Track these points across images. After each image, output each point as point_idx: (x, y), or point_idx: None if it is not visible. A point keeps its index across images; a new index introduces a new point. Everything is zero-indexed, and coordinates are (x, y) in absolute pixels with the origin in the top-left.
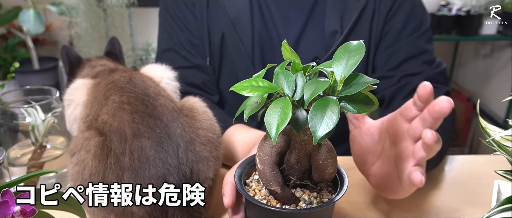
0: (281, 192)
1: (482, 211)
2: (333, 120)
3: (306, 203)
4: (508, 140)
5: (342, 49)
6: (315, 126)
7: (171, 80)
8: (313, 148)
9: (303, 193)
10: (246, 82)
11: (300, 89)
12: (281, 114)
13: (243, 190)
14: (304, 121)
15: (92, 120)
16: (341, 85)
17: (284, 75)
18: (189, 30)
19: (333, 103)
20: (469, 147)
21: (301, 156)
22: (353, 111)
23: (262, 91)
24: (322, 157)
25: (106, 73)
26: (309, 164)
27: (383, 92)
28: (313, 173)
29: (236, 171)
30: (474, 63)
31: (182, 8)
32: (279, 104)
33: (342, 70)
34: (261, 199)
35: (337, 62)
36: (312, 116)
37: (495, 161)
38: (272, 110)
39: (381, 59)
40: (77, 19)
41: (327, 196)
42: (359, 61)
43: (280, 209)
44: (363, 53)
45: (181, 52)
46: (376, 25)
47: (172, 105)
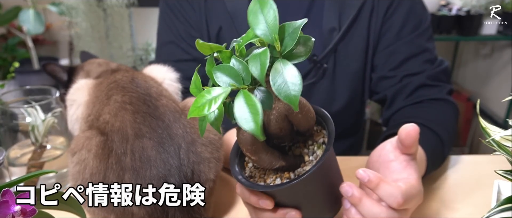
0: (286, 163)
1: (482, 211)
2: (298, 79)
3: (309, 154)
4: (508, 140)
5: (252, 14)
6: (287, 94)
7: (173, 82)
8: (286, 109)
9: (300, 149)
10: (198, 100)
11: (245, 73)
12: (249, 108)
13: (260, 186)
14: (269, 97)
15: (94, 120)
16: (278, 44)
17: (221, 70)
18: (188, 23)
19: (284, 64)
20: (469, 147)
21: (280, 123)
22: (303, 59)
23: (221, 98)
24: (299, 110)
25: (108, 73)
26: (291, 124)
27: (385, 92)
28: (297, 128)
29: (238, 176)
30: (474, 63)
31: (181, 1)
32: (241, 100)
33: (268, 31)
34: (274, 181)
35: (258, 27)
36: (278, 88)
37: (495, 161)
38: (239, 109)
39: (381, 59)
40: (77, 19)
41: (318, 136)
42: (276, 14)
43: (300, 178)
44: (273, 4)
45: (181, 45)
46: (374, 23)
47: (174, 106)
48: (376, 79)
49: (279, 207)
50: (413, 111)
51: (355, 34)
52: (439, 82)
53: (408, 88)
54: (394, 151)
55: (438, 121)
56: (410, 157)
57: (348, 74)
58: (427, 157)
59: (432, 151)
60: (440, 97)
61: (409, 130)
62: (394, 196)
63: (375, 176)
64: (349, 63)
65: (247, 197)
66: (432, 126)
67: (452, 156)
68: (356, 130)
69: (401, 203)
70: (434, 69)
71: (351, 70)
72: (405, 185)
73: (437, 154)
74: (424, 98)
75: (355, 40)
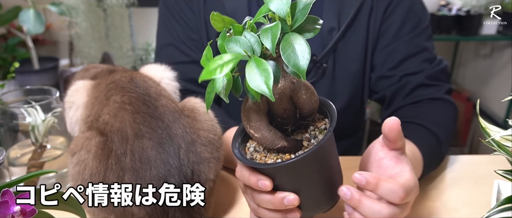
0: (288, 143)
1: (482, 211)
2: (306, 50)
3: (311, 138)
4: (508, 140)
5: None
6: (295, 62)
7: (171, 81)
8: (291, 88)
9: (301, 134)
10: (211, 64)
11: (256, 45)
12: (261, 72)
13: (261, 164)
14: (277, 69)
15: (93, 120)
16: (289, 19)
17: (233, 41)
18: (187, 25)
19: (295, 37)
20: (469, 147)
21: (284, 103)
22: (311, 35)
23: (232, 63)
24: (303, 92)
25: (106, 74)
26: (294, 106)
27: (384, 92)
28: (300, 111)
29: (239, 155)
30: (474, 63)
31: (180, 3)
32: (253, 66)
33: (283, 6)
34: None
35: (272, 2)
36: (287, 56)
37: (495, 161)
38: (250, 74)
39: (380, 58)
40: (77, 19)
41: (320, 123)
42: None
43: (301, 156)
44: None
45: (180, 47)
46: (374, 23)
47: (173, 106)
48: (375, 79)
49: (278, 191)
50: (411, 111)
51: (354, 33)
52: (437, 82)
53: (407, 87)
54: (383, 148)
55: (436, 120)
56: (398, 151)
57: (348, 74)
58: (424, 156)
59: (429, 150)
60: (439, 97)
61: (391, 124)
62: (396, 192)
63: (372, 177)
64: (348, 63)
65: (246, 178)
66: (429, 125)
67: (452, 156)
68: (356, 130)
69: (403, 197)
70: (433, 69)
71: (350, 70)
72: (402, 179)
73: (434, 153)
74: (422, 98)
75: (354, 39)
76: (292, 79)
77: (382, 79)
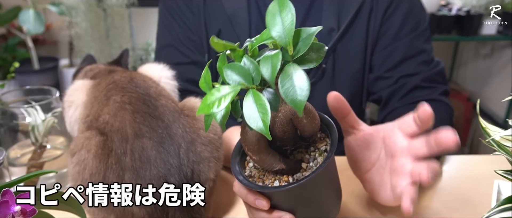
0: (286, 166)
1: (482, 211)
2: (306, 84)
3: (310, 160)
4: (508, 140)
5: (270, 16)
6: (293, 98)
7: (170, 80)
8: (292, 113)
9: (301, 153)
10: (208, 98)
11: (255, 73)
12: (259, 107)
13: (258, 186)
14: (276, 99)
15: (93, 120)
16: (291, 48)
17: (232, 68)
18: (187, 26)
19: (295, 69)
20: (469, 147)
21: (284, 126)
22: (313, 65)
23: (230, 96)
24: (304, 115)
25: (106, 73)
26: (295, 128)
27: (381, 93)
28: (301, 133)
29: (237, 175)
30: (474, 63)
31: (180, 4)
32: (250, 99)
33: (284, 35)
34: (272, 183)
35: (275, 29)
36: (285, 91)
37: (495, 161)
38: (247, 108)
39: (379, 59)
40: (77, 19)
41: (320, 144)
42: (294, 19)
43: (299, 182)
44: (292, 8)
45: (180, 48)
46: (373, 24)
47: (173, 106)
48: (372, 79)
49: (275, 209)
50: (406, 112)
51: (354, 34)
52: (434, 84)
53: (404, 89)
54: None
55: None
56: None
57: (348, 75)
58: None
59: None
60: (434, 98)
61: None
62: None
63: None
64: (348, 64)
65: (244, 196)
66: None
67: (452, 156)
68: None
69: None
70: (430, 71)
71: (350, 71)
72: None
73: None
74: (418, 99)
75: (354, 40)
76: (299, 113)
77: (380, 80)
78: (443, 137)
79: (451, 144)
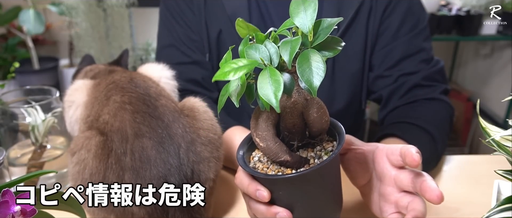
0: (291, 158)
1: (482, 211)
2: (322, 68)
3: (315, 158)
4: (508, 140)
5: (294, 5)
6: (309, 79)
7: (169, 80)
8: (303, 105)
9: (307, 151)
10: (226, 66)
11: (275, 55)
12: (273, 82)
13: (261, 174)
14: (291, 83)
15: (93, 120)
16: (311, 35)
17: (254, 48)
18: (188, 26)
19: (313, 53)
20: (469, 147)
21: (295, 118)
22: (329, 54)
23: (246, 68)
24: (315, 110)
25: (106, 74)
26: (304, 123)
27: (381, 92)
28: (310, 129)
29: (241, 161)
30: (474, 63)
31: (181, 4)
32: (266, 75)
33: (306, 22)
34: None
35: (297, 17)
36: (301, 71)
37: (495, 161)
38: (262, 82)
39: (378, 58)
40: (77, 19)
41: (329, 145)
42: (316, 8)
43: (301, 172)
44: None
45: (181, 48)
46: (373, 23)
47: (173, 106)
48: (372, 78)
49: (274, 204)
50: (406, 111)
51: (353, 34)
52: (434, 82)
53: (403, 88)
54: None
55: (429, 119)
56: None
57: (347, 74)
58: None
59: (424, 149)
60: (434, 97)
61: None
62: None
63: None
64: (348, 63)
65: (245, 186)
66: (423, 124)
67: (452, 156)
68: (356, 130)
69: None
70: (430, 69)
71: (350, 70)
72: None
73: (429, 151)
74: (418, 98)
75: (353, 40)
76: (306, 95)
77: (379, 79)
78: (428, 189)
79: (435, 199)
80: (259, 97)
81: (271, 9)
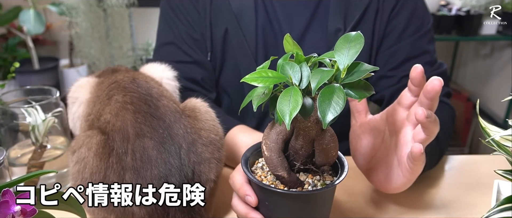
0: (288, 176)
1: (482, 211)
2: (340, 105)
3: (311, 185)
4: (508, 140)
5: (342, 40)
6: (324, 111)
7: (171, 80)
8: (317, 133)
9: (307, 177)
10: (256, 73)
11: (305, 79)
12: (293, 102)
13: (255, 178)
14: (310, 108)
15: (94, 119)
16: (344, 73)
17: (289, 66)
18: (190, 25)
19: (338, 90)
20: (469, 147)
21: (306, 142)
22: (355, 96)
23: (271, 81)
24: (325, 141)
25: (109, 73)
26: (313, 149)
27: (383, 92)
28: (316, 157)
29: (243, 160)
30: (474, 63)
31: (185, 3)
32: (289, 93)
33: (345, 59)
34: (269, 184)
35: (339, 52)
36: (321, 102)
37: (495, 161)
38: (283, 98)
39: (383, 59)
40: (77, 19)
41: (329, 179)
42: (359, 51)
43: (289, 192)
44: (362, 43)
45: (182, 47)
46: (379, 24)
47: (175, 106)
48: (375, 79)
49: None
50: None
51: None
52: None
53: None
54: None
55: None
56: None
57: None
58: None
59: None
60: None
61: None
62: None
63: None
64: None
65: (237, 188)
66: None
67: (452, 156)
68: None
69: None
70: (433, 72)
71: None
72: None
73: (431, 147)
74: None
75: None
76: (322, 126)
77: (382, 79)
78: (428, 84)
79: (436, 86)
80: (276, 110)
81: (277, 8)
